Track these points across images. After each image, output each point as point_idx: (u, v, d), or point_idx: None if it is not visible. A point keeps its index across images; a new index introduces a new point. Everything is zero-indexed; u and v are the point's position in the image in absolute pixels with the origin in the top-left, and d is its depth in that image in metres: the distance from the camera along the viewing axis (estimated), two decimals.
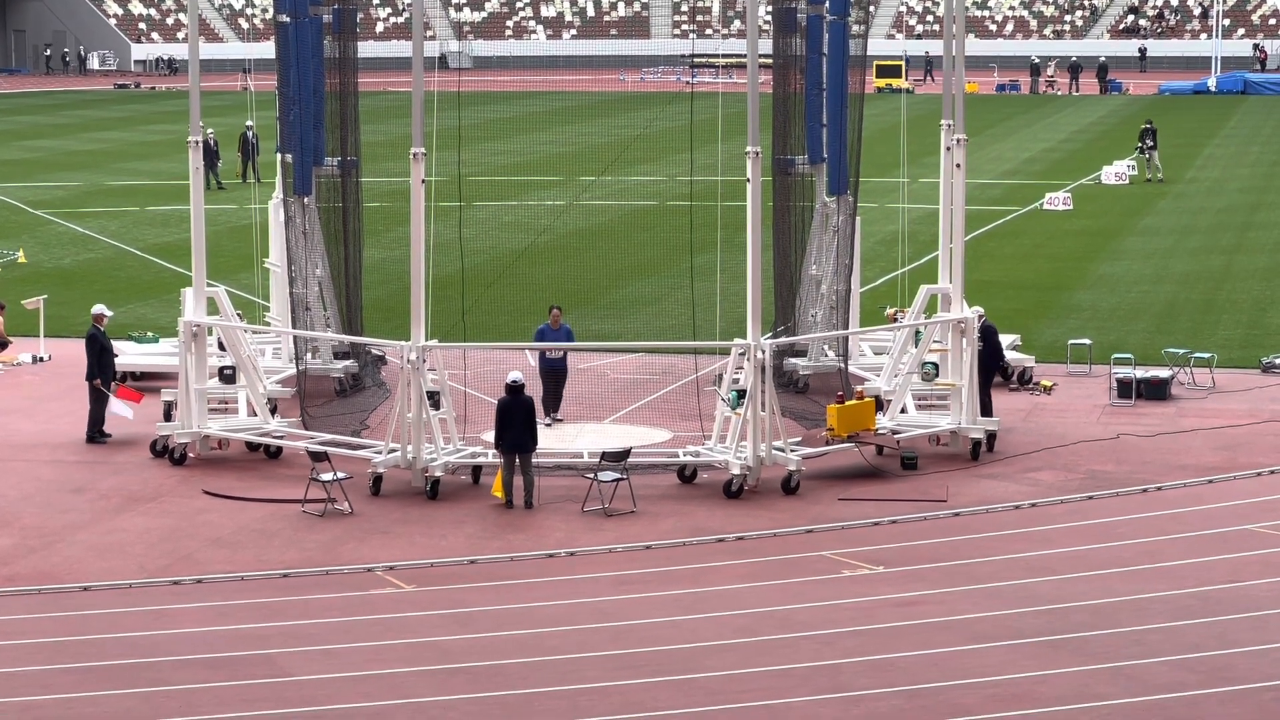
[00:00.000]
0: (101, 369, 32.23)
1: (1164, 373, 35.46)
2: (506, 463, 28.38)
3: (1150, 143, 69.57)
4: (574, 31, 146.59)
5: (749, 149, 28.90)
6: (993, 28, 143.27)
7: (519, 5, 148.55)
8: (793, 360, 34.52)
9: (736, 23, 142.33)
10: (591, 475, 28.45)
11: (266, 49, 43.82)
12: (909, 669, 21.14)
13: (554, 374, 33.21)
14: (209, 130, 59.01)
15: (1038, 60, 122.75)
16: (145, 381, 35.06)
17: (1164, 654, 21.50)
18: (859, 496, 28.81)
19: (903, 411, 31.44)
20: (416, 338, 28.93)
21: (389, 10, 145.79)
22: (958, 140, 32.38)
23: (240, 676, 21.05)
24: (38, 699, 20.36)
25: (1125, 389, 34.88)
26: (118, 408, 31.54)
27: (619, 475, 28.29)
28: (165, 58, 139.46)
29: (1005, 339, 35.54)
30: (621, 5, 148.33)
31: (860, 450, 30.11)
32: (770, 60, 34.70)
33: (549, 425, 32.12)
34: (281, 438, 31.00)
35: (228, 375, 31.40)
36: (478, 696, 20.47)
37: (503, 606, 23.71)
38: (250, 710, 20.07)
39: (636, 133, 70.46)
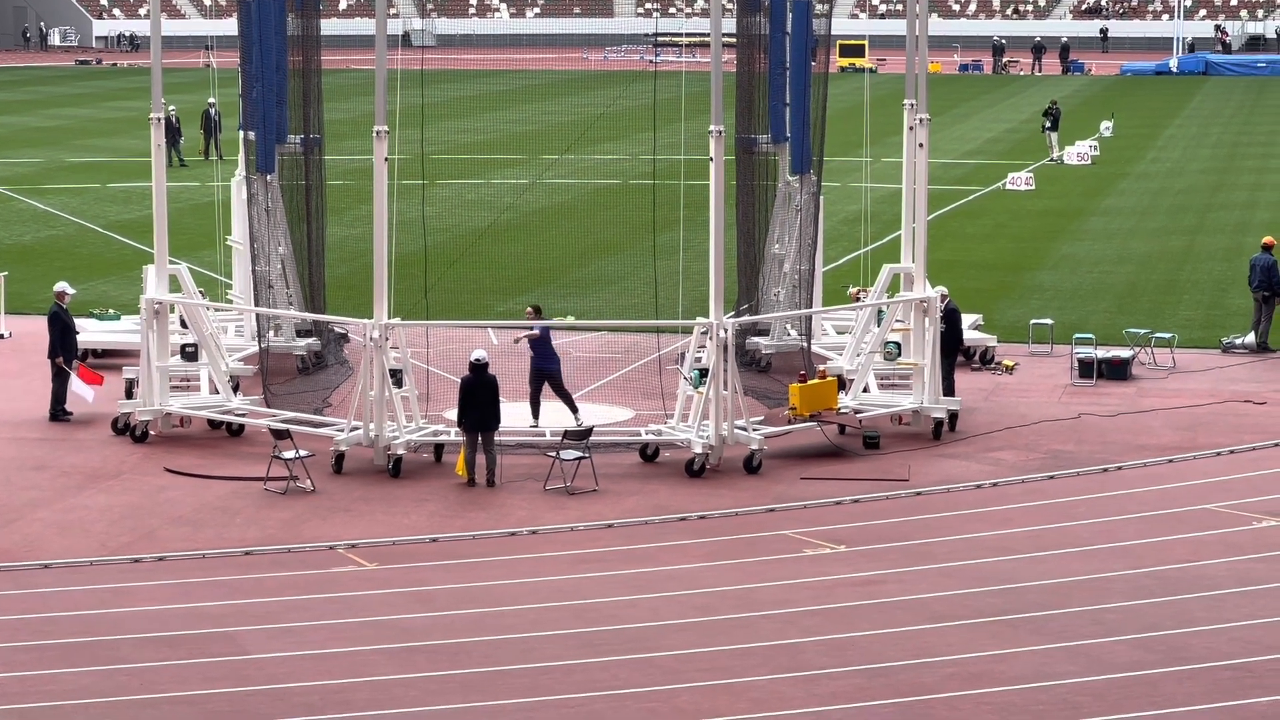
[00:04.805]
0: (64, 348, 32.07)
1: (1125, 353, 35.56)
2: (469, 441, 28.38)
3: (1050, 124, 69.94)
4: (537, 10, 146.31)
5: (712, 128, 28.89)
6: (956, 7, 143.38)
7: None
8: (755, 339, 34.56)
9: (700, 1, 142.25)
10: (554, 454, 28.45)
11: (229, 25, 43.68)
12: (869, 648, 21.20)
13: (543, 376, 30.85)
14: (171, 107, 58.76)
15: (1000, 40, 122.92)
16: (107, 359, 34.96)
17: (1122, 633, 21.58)
18: (821, 476, 28.86)
19: (865, 391, 31.47)
20: (379, 316, 28.89)
21: None
22: (920, 120, 32.41)
23: (201, 654, 21.02)
24: None
25: (1086, 369, 35.00)
26: (78, 388, 31.46)
27: (581, 454, 28.31)
28: (127, 34, 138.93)
29: (967, 319, 35.59)
30: None
31: (822, 429, 30.16)
32: (734, 39, 34.72)
33: (537, 426, 30.53)
34: (244, 415, 30.95)
35: (190, 353, 31.35)
36: (439, 675, 20.48)
37: (464, 585, 23.72)
38: (211, 688, 20.05)
39: (600, 111, 70.24)
